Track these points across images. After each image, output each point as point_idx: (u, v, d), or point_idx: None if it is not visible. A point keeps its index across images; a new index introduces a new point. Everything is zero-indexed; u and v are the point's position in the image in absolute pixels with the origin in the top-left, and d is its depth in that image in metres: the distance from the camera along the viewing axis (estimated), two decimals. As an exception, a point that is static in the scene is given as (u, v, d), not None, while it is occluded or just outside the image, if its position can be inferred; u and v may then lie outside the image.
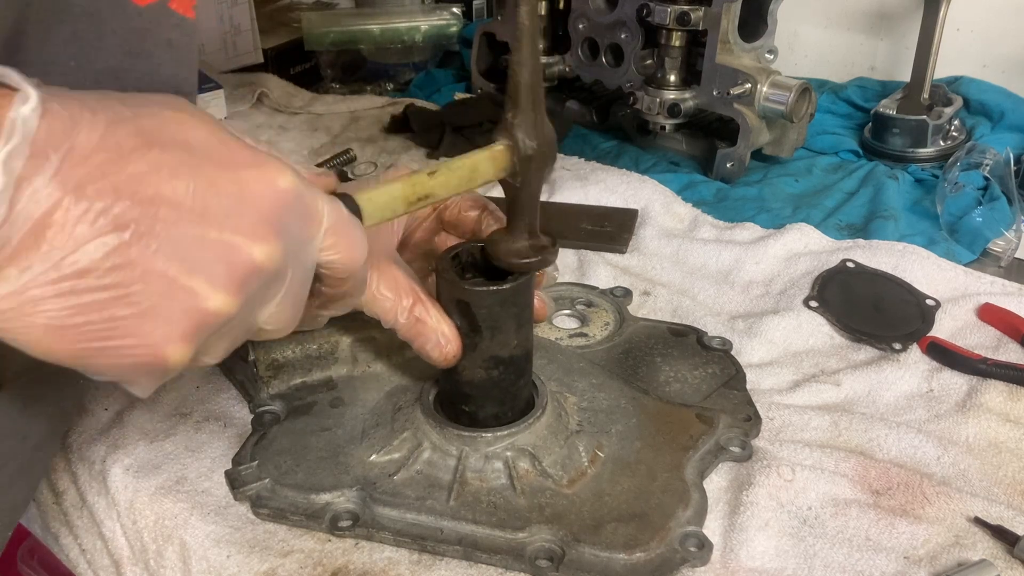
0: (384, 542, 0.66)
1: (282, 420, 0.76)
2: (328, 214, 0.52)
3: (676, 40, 1.22)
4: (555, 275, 0.74)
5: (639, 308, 0.95)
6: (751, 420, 0.76)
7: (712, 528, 0.67)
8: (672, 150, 1.35)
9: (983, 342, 0.88)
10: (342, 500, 0.68)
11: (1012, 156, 1.14)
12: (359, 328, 0.79)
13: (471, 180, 0.62)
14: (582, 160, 1.27)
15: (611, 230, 1.08)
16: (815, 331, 0.90)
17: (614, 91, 1.35)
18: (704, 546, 0.64)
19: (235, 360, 0.84)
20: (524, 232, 0.66)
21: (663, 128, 1.29)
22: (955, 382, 0.83)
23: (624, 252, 1.05)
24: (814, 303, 0.93)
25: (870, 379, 0.83)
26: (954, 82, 1.37)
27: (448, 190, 0.61)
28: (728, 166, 1.23)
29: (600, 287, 0.96)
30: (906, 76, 1.29)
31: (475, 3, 1.79)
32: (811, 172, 1.26)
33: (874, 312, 0.92)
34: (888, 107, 1.28)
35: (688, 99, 1.23)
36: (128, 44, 0.59)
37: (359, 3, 1.70)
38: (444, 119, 1.34)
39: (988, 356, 0.84)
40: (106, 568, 0.78)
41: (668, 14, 1.18)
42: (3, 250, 0.41)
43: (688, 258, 1.03)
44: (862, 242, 1.04)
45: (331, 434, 0.74)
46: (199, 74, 1.45)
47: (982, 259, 1.06)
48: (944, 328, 0.90)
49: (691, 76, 1.25)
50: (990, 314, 0.91)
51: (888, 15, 1.46)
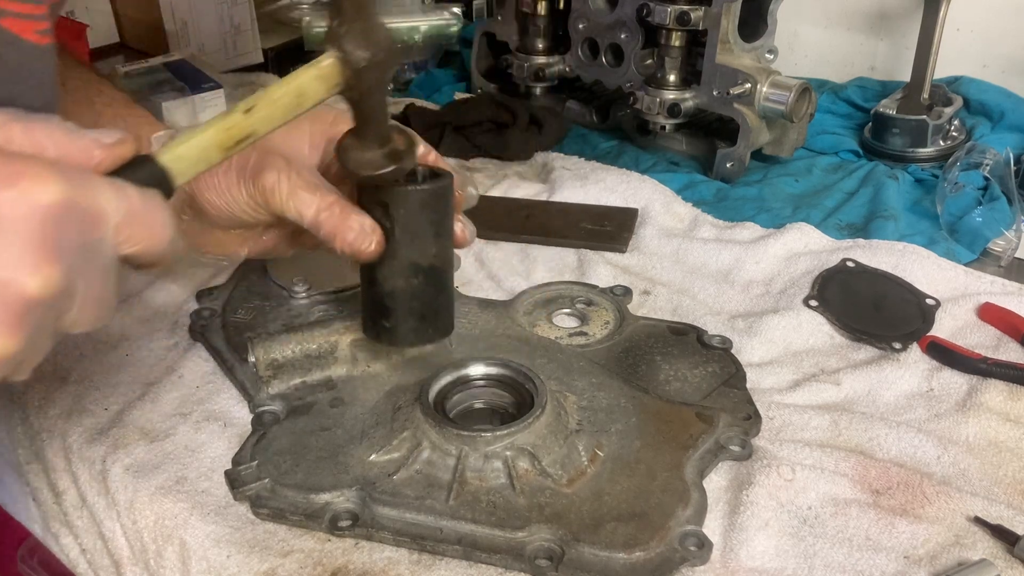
0: (384, 542, 0.66)
1: (282, 420, 0.76)
2: (115, 208, 0.46)
3: (676, 40, 1.22)
4: (475, 195, 0.73)
5: (639, 307, 0.95)
6: (751, 419, 0.76)
7: (712, 527, 0.67)
8: (672, 150, 1.35)
9: (983, 341, 0.88)
10: (342, 500, 0.68)
11: (1012, 156, 1.14)
12: (359, 328, 0.79)
13: (298, 106, 0.56)
14: (582, 160, 1.27)
15: (611, 229, 1.08)
16: (815, 330, 0.90)
17: (614, 91, 1.35)
18: (704, 545, 0.64)
19: (235, 360, 0.84)
20: (374, 141, 0.62)
21: (663, 128, 1.29)
22: (955, 381, 0.83)
23: (624, 251, 1.05)
24: (814, 302, 0.93)
25: (870, 378, 0.83)
26: (954, 82, 1.37)
27: (272, 123, 0.56)
28: (728, 166, 1.23)
29: (600, 286, 0.96)
30: (906, 76, 1.29)
31: (475, 3, 1.79)
32: (811, 172, 1.26)
33: (874, 312, 0.92)
34: (888, 107, 1.28)
35: (688, 99, 1.23)
36: None
37: (359, 3, 1.70)
38: (444, 119, 1.34)
39: (988, 356, 0.84)
40: (106, 568, 0.78)
41: (668, 14, 1.18)
42: None
43: (688, 257, 1.03)
44: (862, 242, 1.04)
45: (331, 434, 0.74)
46: (199, 74, 1.45)
47: (982, 259, 1.06)
48: (944, 328, 0.90)
49: (691, 76, 1.25)
50: (990, 314, 0.91)
51: (888, 15, 1.46)
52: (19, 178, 0.42)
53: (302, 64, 0.56)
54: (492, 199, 1.15)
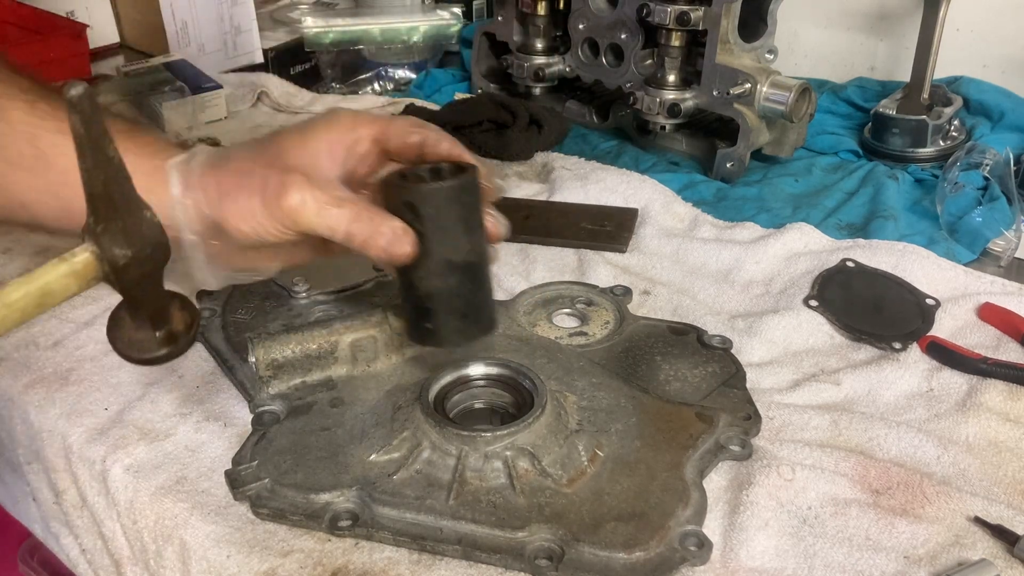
0: (384, 542, 0.66)
1: (282, 420, 0.76)
2: None
3: (676, 40, 1.22)
4: (502, 185, 0.72)
5: (639, 307, 0.95)
6: (751, 419, 0.76)
7: (712, 527, 0.67)
8: (672, 150, 1.35)
9: (983, 341, 0.88)
10: (342, 500, 0.68)
11: (1012, 156, 1.14)
12: (359, 328, 0.79)
13: (42, 306, 0.52)
14: (582, 160, 1.27)
15: (611, 229, 1.08)
16: (815, 330, 0.90)
17: (614, 91, 1.35)
18: (704, 545, 0.64)
19: (235, 360, 0.84)
20: (147, 321, 0.59)
21: (663, 128, 1.29)
22: (955, 381, 0.83)
23: (624, 251, 1.05)
24: (814, 302, 0.93)
25: (870, 378, 0.83)
26: (954, 82, 1.37)
27: (5, 327, 0.51)
28: (728, 166, 1.23)
29: (600, 286, 0.96)
30: (906, 76, 1.29)
31: (475, 3, 1.79)
32: (811, 172, 1.26)
33: (874, 311, 0.92)
34: (888, 107, 1.28)
35: (688, 99, 1.23)
36: None
37: (359, 3, 1.70)
38: (444, 119, 1.34)
39: (988, 355, 0.84)
40: (106, 568, 0.78)
41: (668, 14, 1.18)
42: None
43: (688, 257, 1.03)
44: (862, 242, 1.04)
45: (331, 434, 0.74)
46: (199, 74, 1.46)
47: (982, 259, 1.06)
48: (944, 327, 0.90)
49: (691, 76, 1.25)
50: (990, 313, 0.91)
51: (888, 15, 1.46)
52: None
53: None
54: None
